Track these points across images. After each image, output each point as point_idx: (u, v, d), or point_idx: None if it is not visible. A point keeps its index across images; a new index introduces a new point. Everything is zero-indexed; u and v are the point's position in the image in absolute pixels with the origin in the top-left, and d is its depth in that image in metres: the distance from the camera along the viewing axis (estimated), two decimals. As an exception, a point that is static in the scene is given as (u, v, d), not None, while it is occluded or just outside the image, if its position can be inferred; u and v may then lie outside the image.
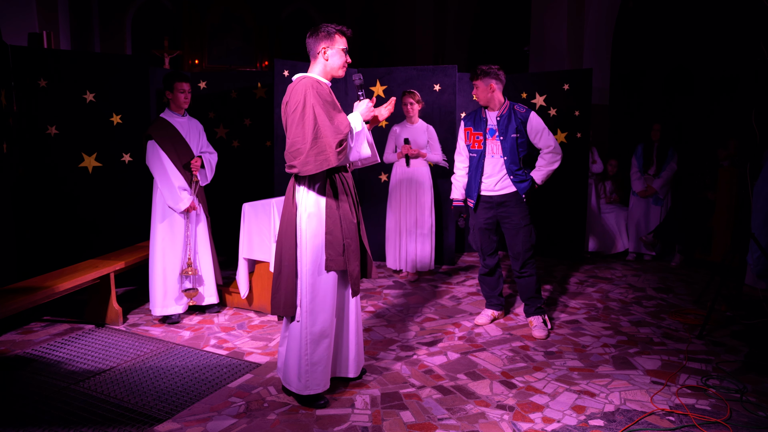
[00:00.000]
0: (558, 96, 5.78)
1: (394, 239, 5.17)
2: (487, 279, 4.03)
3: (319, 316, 2.75)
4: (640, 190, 5.93)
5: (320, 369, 2.77)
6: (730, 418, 2.66)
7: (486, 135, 3.80)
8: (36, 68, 4.40)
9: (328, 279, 2.76)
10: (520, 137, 3.74)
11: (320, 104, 2.65)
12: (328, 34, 2.78)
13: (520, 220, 3.78)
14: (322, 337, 2.76)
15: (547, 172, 3.78)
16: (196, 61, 10.59)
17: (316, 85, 2.69)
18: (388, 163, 5.24)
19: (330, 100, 2.71)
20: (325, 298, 2.76)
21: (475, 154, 3.84)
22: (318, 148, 2.62)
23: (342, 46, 2.81)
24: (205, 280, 4.16)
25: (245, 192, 5.36)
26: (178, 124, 4.05)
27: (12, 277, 3.96)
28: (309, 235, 2.74)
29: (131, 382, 3.08)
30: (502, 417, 2.69)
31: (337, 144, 2.62)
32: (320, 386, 2.79)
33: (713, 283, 4.55)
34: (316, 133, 2.62)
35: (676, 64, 7.93)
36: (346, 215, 2.77)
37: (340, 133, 2.64)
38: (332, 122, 2.64)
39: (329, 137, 2.62)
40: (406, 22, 10.65)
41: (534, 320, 3.82)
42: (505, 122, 3.74)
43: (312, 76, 2.78)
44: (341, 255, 2.74)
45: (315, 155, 2.62)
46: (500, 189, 3.79)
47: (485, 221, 3.87)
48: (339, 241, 2.74)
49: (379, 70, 5.71)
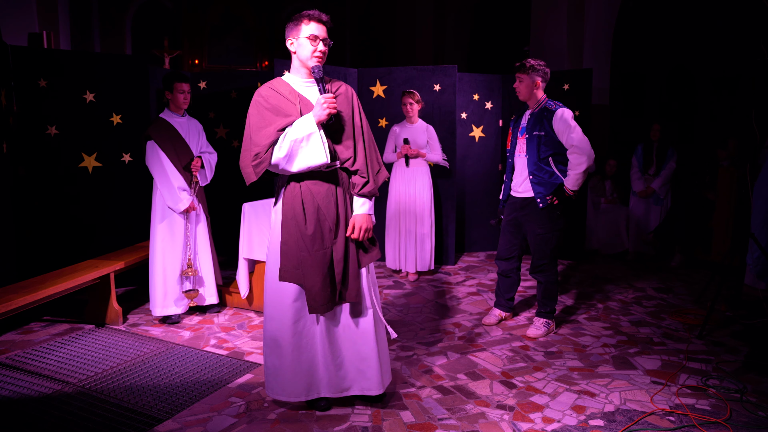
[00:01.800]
0: (558, 96, 5.78)
1: (394, 239, 5.17)
2: (502, 279, 3.98)
3: (270, 322, 2.66)
4: (640, 190, 5.93)
5: (280, 378, 2.64)
6: (730, 418, 2.66)
7: (517, 134, 3.76)
8: (36, 68, 4.40)
9: (282, 288, 2.60)
10: (546, 135, 3.55)
11: (255, 112, 2.53)
12: (294, 23, 2.54)
13: (537, 228, 3.64)
14: (274, 344, 2.65)
15: (575, 176, 3.48)
16: (196, 61, 10.60)
17: (264, 90, 2.57)
18: (387, 163, 5.24)
19: (270, 106, 2.52)
20: (280, 305, 2.61)
21: (508, 153, 3.84)
22: (243, 159, 2.54)
23: (309, 32, 2.49)
24: (206, 281, 4.16)
25: (245, 192, 5.35)
26: (177, 124, 4.05)
27: (12, 277, 3.96)
28: (272, 242, 2.67)
29: (131, 382, 3.08)
30: (502, 417, 2.69)
31: (251, 157, 2.49)
32: (281, 395, 2.66)
33: (713, 283, 4.55)
34: (246, 143, 2.55)
35: (676, 64, 7.93)
36: (299, 228, 2.54)
37: (256, 146, 2.48)
38: (258, 133, 2.49)
39: (247, 150, 2.52)
40: (406, 22, 10.66)
41: (536, 320, 3.82)
42: (535, 120, 3.62)
43: (281, 77, 2.65)
44: (296, 268, 2.54)
45: (243, 167, 2.55)
46: (524, 191, 3.69)
47: (508, 222, 3.82)
48: (294, 253, 2.55)
49: (379, 70, 5.70)
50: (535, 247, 3.71)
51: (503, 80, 6.06)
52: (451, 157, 5.42)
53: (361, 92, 5.64)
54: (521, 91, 3.65)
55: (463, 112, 5.98)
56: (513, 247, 3.84)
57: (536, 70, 3.59)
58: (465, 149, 6.01)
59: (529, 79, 3.60)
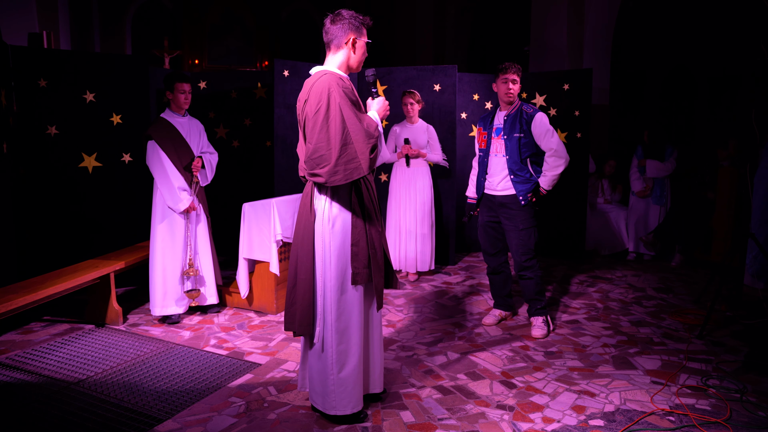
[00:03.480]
0: (558, 96, 5.78)
1: (394, 239, 5.17)
2: (492, 278, 4.03)
3: (345, 334, 2.53)
4: (639, 190, 5.94)
5: (349, 389, 2.56)
6: (730, 418, 2.66)
7: (492, 134, 3.84)
8: (36, 68, 4.40)
9: (354, 294, 2.54)
10: (524, 137, 3.71)
11: (348, 104, 2.37)
12: (360, 24, 2.53)
13: (518, 223, 3.74)
14: (349, 355, 2.55)
15: (552, 177, 3.68)
16: (196, 61, 10.59)
17: (341, 83, 2.41)
18: (388, 163, 5.24)
19: (355, 99, 2.45)
20: (352, 314, 2.54)
21: (481, 152, 3.90)
22: (348, 155, 2.36)
23: (366, 39, 2.58)
24: (206, 281, 4.16)
25: (245, 192, 5.37)
26: (178, 124, 4.04)
27: (12, 277, 3.96)
28: (333, 248, 2.50)
29: (131, 382, 3.08)
30: (502, 417, 2.69)
31: (370, 149, 2.37)
32: (349, 407, 2.57)
33: (713, 283, 4.55)
34: (346, 138, 2.35)
35: (676, 64, 7.93)
36: (371, 224, 2.55)
37: (371, 137, 2.39)
38: (362, 124, 2.39)
39: (360, 143, 2.36)
40: (406, 22, 10.66)
41: (534, 320, 3.83)
42: (511, 122, 3.75)
43: (334, 71, 2.50)
44: (366, 267, 2.52)
45: (345, 163, 2.35)
46: (502, 189, 3.79)
47: (487, 220, 3.90)
48: (365, 253, 2.51)
49: (379, 70, 5.71)
50: (518, 244, 3.76)
51: (503, 80, 6.06)
52: (451, 157, 5.42)
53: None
54: (515, 92, 3.77)
55: (463, 112, 5.99)
56: (497, 242, 3.92)
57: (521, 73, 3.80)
58: (465, 149, 6.01)
59: (519, 81, 3.79)
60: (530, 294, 3.84)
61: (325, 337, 2.53)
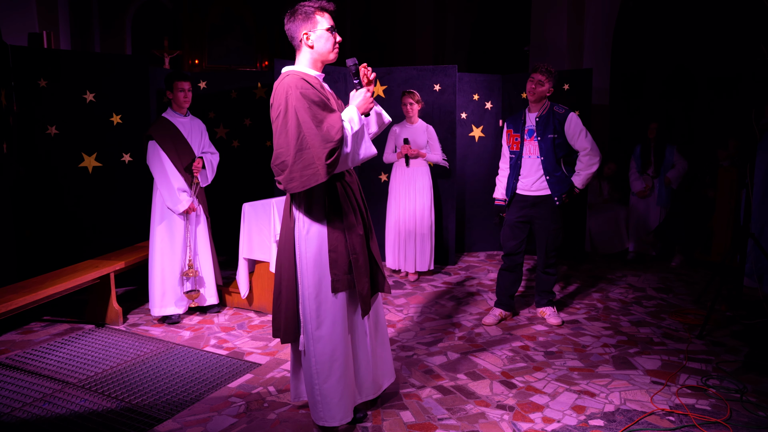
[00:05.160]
0: (558, 96, 5.78)
1: (394, 239, 5.17)
2: (506, 275, 4.04)
3: (327, 343, 2.42)
4: (639, 191, 5.93)
5: (335, 400, 2.45)
6: (730, 418, 2.66)
7: (524, 136, 3.86)
8: (36, 68, 4.40)
9: (336, 302, 2.43)
10: (558, 138, 3.75)
11: (304, 107, 2.25)
12: (306, 16, 2.36)
13: (551, 223, 3.84)
14: (333, 367, 2.44)
15: (586, 175, 3.78)
16: (196, 61, 10.58)
17: (299, 84, 2.30)
18: (387, 163, 5.24)
19: (318, 100, 2.29)
20: (334, 323, 2.43)
21: (513, 155, 3.93)
22: (304, 161, 2.24)
23: (326, 24, 2.38)
24: (206, 281, 4.16)
25: (245, 192, 5.36)
26: (180, 123, 4.04)
27: (12, 277, 3.96)
28: (310, 255, 2.41)
29: (131, 382, 3.08)
30: (502, 417, 2.69)
31: (326, 155, 2.22)
32: (336, 419, 2.46)
33: (713, 283, 4.55)
34: (301, 143, 2.24)
35: (676, 64, 7.93)
36: (351, 228, 2.42)
37: (329, 142, 2.23)
38: (320, 128, 2.23)
39: (316, 148, 2.22)
40: (406, 22, 10.65)
41: (546, 310, 4.00)
42: (544, 123, 3.78)
43: (297, 70, 2.40)
44: (347, 274, 2.41)
45: (301, 169, 2.24)
46: (537, 190, 3.84)
47: (517, 218, 3.92)
48: (344, 259, 2.40)
49: (379, 70, 5.70)
50: (548, 242, 3.88)
51: (503, 80, 6.06)
52: (451, 157, 5.42)
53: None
54: (537, 92, 3.76)
55: (463, 112, 5.98)
56: (522, 243, 3.97)
57: (552, 76, 3.78)
58: (465, 149, 6.01)
59: (548, 83, 3.77)
60: (547, 287, 3.99)
61: (307, 346, 2.46)
